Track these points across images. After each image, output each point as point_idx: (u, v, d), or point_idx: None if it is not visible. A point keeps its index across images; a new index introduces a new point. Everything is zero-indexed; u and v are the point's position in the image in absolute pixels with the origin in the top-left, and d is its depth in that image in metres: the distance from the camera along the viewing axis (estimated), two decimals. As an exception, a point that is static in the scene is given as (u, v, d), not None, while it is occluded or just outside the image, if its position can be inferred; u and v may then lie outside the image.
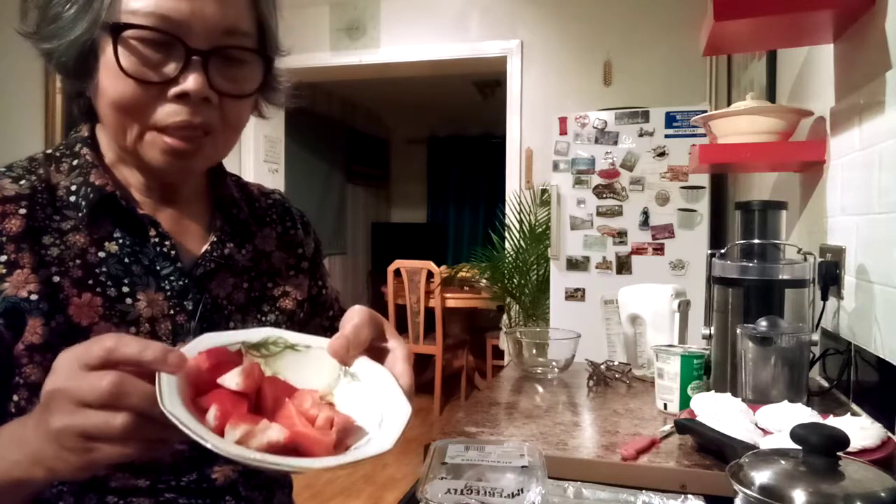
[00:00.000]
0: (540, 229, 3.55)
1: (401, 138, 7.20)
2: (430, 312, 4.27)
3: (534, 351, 1.55)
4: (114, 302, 0.69)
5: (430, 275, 4.24)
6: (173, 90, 0.65)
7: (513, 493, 0.65)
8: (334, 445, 0.50)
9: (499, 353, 4.25)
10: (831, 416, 0.97)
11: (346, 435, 0.52)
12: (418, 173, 7.20)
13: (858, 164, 1.20)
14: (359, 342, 0.58)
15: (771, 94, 2.08)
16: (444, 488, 0.67)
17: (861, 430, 0.89)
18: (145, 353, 0.48)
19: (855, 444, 0.84)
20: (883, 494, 0.59)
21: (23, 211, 0.68)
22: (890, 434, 0.92)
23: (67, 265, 0.68)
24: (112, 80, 0.65)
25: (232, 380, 0.51)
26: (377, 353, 0.60)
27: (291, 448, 0.48)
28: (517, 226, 3.65)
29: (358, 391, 0.56)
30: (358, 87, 5.25)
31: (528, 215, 3.64)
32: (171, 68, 0.65)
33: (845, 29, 1.29)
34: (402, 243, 6.37)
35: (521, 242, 3.63)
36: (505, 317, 3.77)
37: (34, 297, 0.66)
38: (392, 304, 4.39)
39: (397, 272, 4.34)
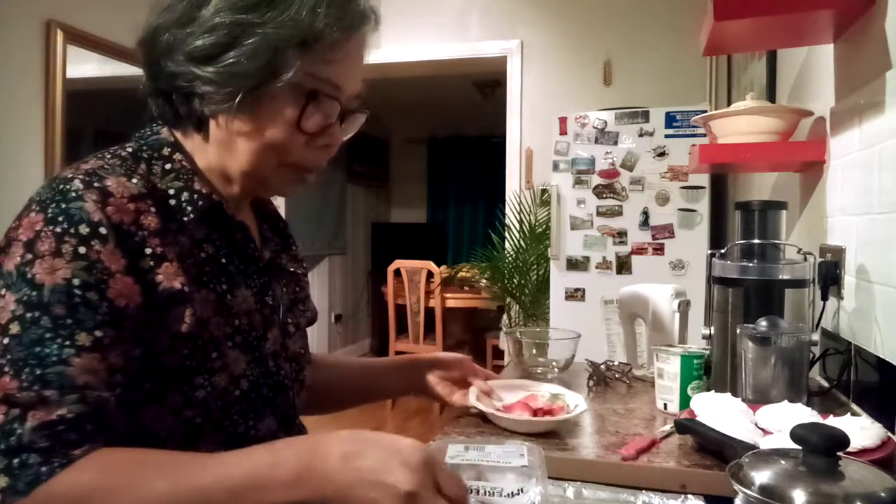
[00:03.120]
0: (540, 229, 3.55)
1: (401, 138, 7.19)
2: (430, 312, 4.27)
3: (534, 351, 1.54)
4: (221, 297, 0.75)
5: (430, 275, 4.24)
6: (323, 141, 0.78)
7: (512, 493, 0.65)
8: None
9: (499, 353, 4.25)
10: (831, 416, 0.97)
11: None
12: (418, 173, 7.19)
13: (858, 164, 1.20)
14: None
15: (771, 94, 2.08)
16: None
17: (861, 430, 0.89)
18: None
19: (855, 444, 0.84)
20: (883, 494, 0.59)
21: (153, 209, 0.71)
22: (890, 434, 0.92)
23: (186, 263, 0.72)
24: (279, 127, 0.74)
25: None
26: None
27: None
28: (517, 226, 3.65)
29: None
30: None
31: (528, 215, 3.64)
32: (325, 122, 0.76)
33: (845, 29, 1.29)
34: (402, 243, 6.36)
35: (521, 242, 3.63)
36: (505, 317, 3.77)
37: (187, 288, 0.71)
38: (392, 304, 4.39)
39: (397, 272, 4.34)
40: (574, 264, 3.06)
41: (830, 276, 1.26)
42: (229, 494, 0.60)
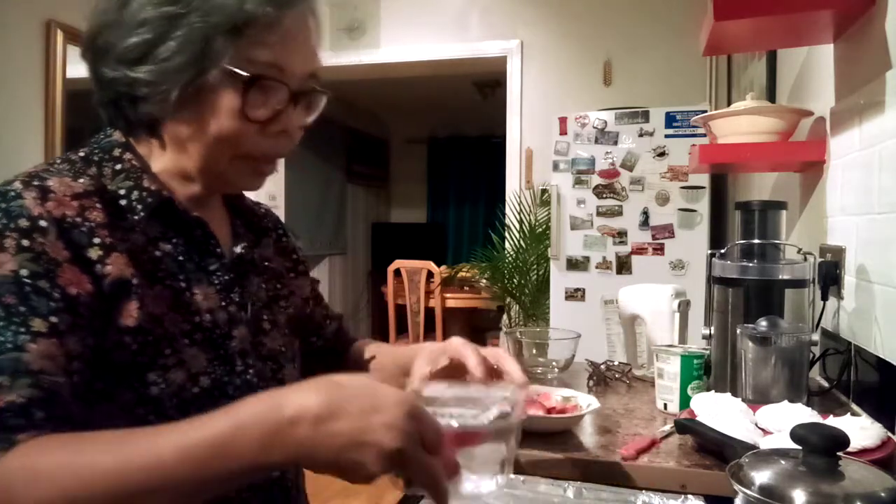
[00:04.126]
0: (540, 229, 3.54)
1: (401, 138, 7.19)
2: (430, 312, 4.27)
3: (534, 351, 1.54)
4: (178, 294, 0.74)
5: (430, 275, 4.24)
6: (276, 128, 0.74)
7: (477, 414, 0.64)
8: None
9: (499, 353, 4.24)
10: (831, 416, 0.97)
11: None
12: (418, 173, 7.19)
13: (858, 164, 1.20)
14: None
15: (771, 94, 2.08)
16: None
17: (861, 430, 0.89)
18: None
19: (855, 444, 0.84)
20: (883, 494, 0.59)
21: (99, 205, 0.70)
22: (890, 434, 0.92)
23: (140, 259, 0.72)
24: (224, 119, 0.71)
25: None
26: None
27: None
28: (517, 226, 3.65)
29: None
30: (358, 87, 5.24)
31: (528, 215, 3.64)
32: (274, 108, 0.73)
33: (845, 29, 1.29)
34: (402, 243, 6.36)
35: (521, 242, 3.63)
36: (505, 317, 3.77)
37: (136, 280, 0.70)
38: (392, 304, 4.39)
39: (397, 272, 4.34)
40: (574, 264, 3.06)
41: (830, 276, 1.26)
42: (189, 465, 0.55)
